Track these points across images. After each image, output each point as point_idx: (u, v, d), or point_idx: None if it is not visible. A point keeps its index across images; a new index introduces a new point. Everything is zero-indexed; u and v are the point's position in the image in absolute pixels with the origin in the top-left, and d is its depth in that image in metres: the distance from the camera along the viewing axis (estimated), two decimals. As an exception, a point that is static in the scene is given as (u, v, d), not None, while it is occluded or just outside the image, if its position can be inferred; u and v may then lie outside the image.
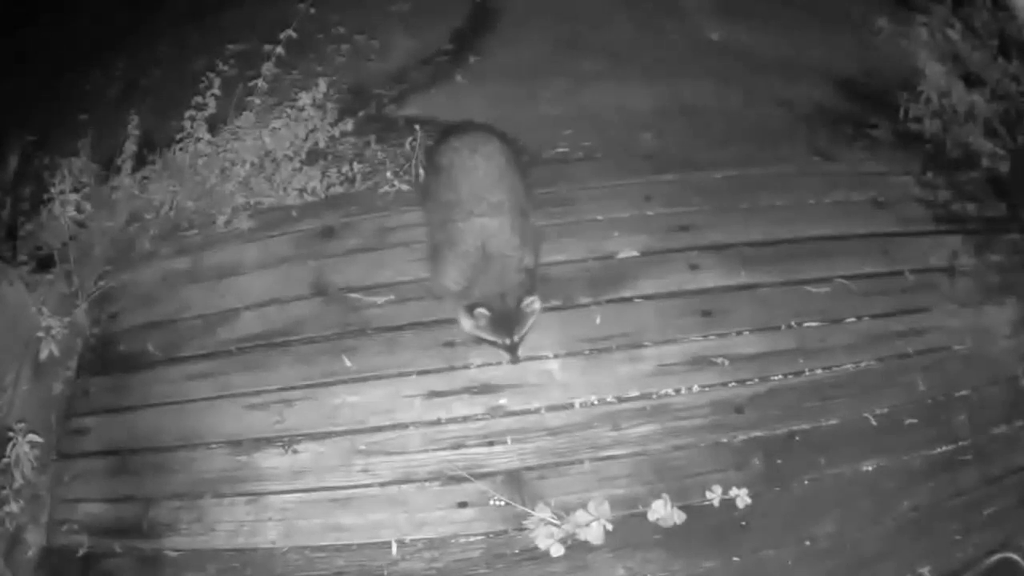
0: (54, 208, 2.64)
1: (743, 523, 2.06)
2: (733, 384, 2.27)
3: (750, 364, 2.30)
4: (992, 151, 2.80)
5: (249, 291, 2.57)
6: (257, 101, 2.92)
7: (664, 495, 2.06)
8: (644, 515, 2.06)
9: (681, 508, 2.05)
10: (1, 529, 2.15)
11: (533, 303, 2.19)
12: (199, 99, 2.84)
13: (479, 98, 3.22)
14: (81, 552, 2.19)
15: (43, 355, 2.39)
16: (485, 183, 2.34)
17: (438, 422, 2.25)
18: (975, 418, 2.23)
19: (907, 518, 2.09)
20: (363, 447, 2.23)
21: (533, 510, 2.06)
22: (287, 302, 2.53)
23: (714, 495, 2.07)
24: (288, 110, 2.93)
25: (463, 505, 2.12)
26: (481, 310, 2.15)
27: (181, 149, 2.85)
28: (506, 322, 2.17)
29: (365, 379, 2.34)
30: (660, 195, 2.68)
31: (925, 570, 2.00)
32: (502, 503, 2.10)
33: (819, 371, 2.30)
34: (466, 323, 2.22)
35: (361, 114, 3.07)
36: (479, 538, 2.08)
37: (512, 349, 2.22)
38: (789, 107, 3.08)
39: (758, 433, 2.19)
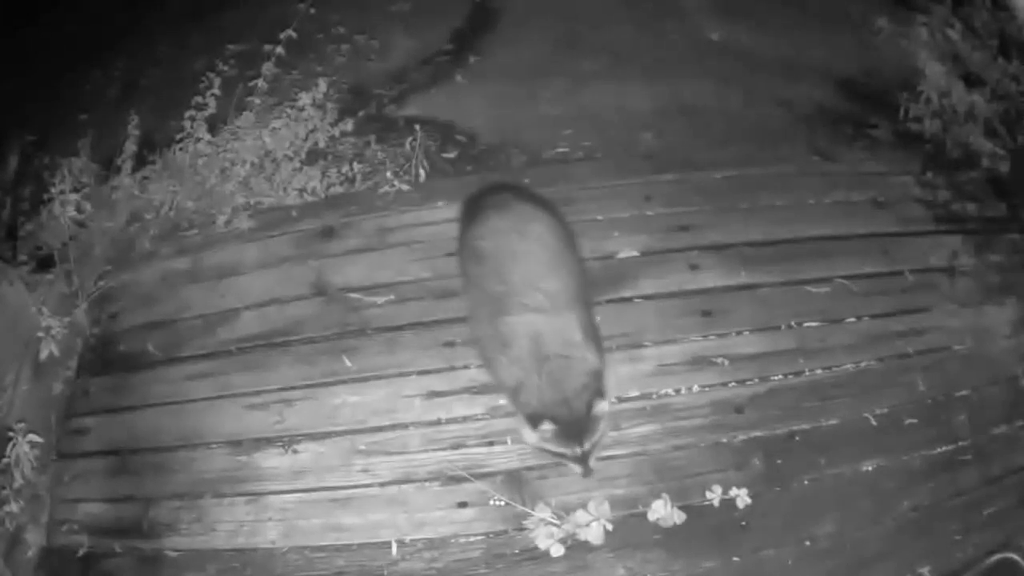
0: (54, 208, 2.64)
1: (743, 523, 2.05)
2: (733, 384, 2.27)
3: (750, 364, 2.30)
4: (992, 151, 2.80)
5: (249, 291, 2.57)
6: (257, 101, 2.92)
7: (664, 495, 2.06)
8: (644, 515, 2.05)
9: (681, 508, 2.05)
10: (1, 529, 2.15)
11: (603, 406, 1.89)
12: (199, 99, 2.84)
13: (479, 98, 3.23)
14: (81, 552, 2.18)
15: (43, 355, 2.38)
16: (538, 271, 2.05)
17: (438, 422, 2.25)
18: (975, 418, 2.23)
19: (907, 518, 2.08)
20: (363, 447, 2.23)
21: (533, 510, 2.06)
22: (287, 302, 2.53)
23: (714, 495, 2.07)
24: (288, 110, 2.93)
25: (463, 505, 2.12)
26: (546, 425, 1.85)
27: (181, 149, 2.85)
28: (575, 431, 1.88)
29: (365, 379, 2.34)
30: (660, 195, 2.68)
31: (925, 570, 2.00)
32: (502, 503, 2.10)
33: (819, 371, 2.29)
34: (529, 436, 1.93)
35: (361, 114, 3.08)
36: (479, 538, 2.07)
37: (584, 460, 1.92)
38: (789, 107, 3.08)
39: (758, 433, 2.19)
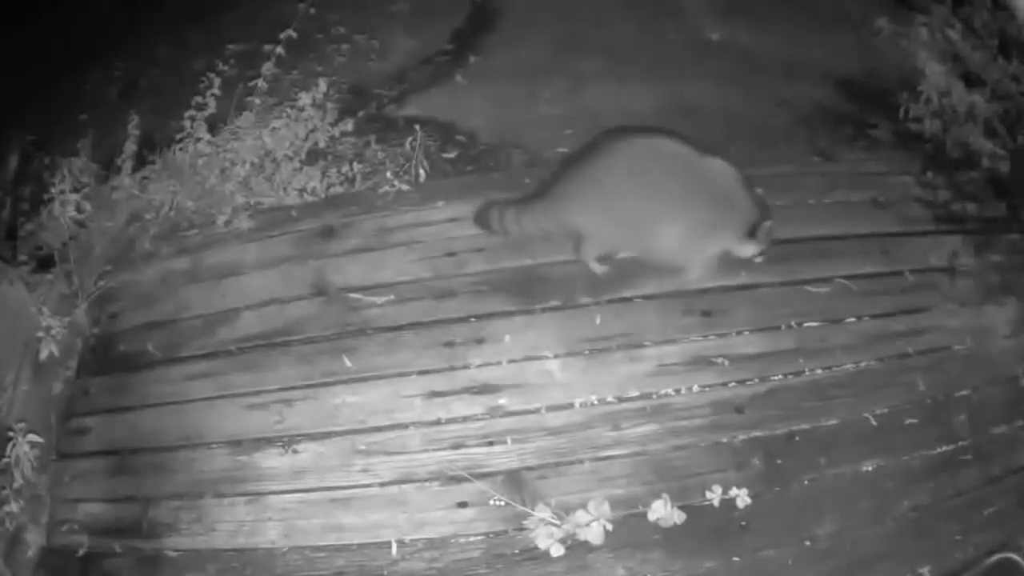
0: (54, 208, 2.63)
1: (743, 523, 2.05)
2: (733, 384, 2.27)
3: (750, 364, 2.30)
4: (992, 151, 2.79)
5: (249, 291, 2.57)
6: (257, 101, 2.91)
7: (664, 495, 2.06)
8: (644, 515, 2.05)
9: (681, 508, 2.05)
10: (1, 529, 2.15)
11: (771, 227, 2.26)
12: (199, 99, 2.83)
13: (479, 98, 3.22)
14: (81, 552, 2.18)
15: (43, 355, 2.38)
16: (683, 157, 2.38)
17: (438, 422, 2.25)
18: (975, 418, 2.23)
19: (907, 518, 2.09)
20: (363, 447, 2.23)
21: (533, 510, 2.06)
22: (287, 302, 2.52)
23: (714, 495, 2.07)
24: (288, 110, 2.92)
25: (463, 505, 2.12)
26: (767, 222, 2.21)
27: (181, 149, 2.84)
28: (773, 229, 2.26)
29: (365, 379, 2.34)
30: (660, 195, 2.67)
31: (925, 570, 2.00)
32: (502, 503, 2.10)
33: (819, 371, 2.29)
34: (746, 249, 2.30)
35: (361, 114, 3.07)
36: (479, 538, 2.08)
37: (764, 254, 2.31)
38: (789, 107, 3.08)
39: (758, 433, 2.19)
